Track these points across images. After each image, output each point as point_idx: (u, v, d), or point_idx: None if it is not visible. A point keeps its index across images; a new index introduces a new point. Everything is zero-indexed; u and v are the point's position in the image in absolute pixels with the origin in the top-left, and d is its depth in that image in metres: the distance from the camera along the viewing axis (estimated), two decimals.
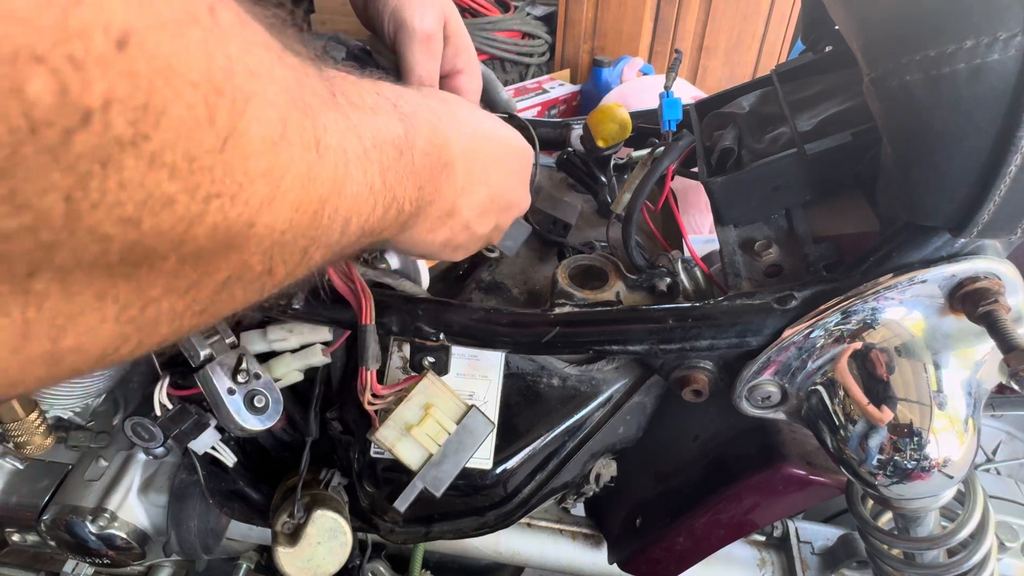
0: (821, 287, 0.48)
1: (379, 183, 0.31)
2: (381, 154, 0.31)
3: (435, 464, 0.53)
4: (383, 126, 0.31)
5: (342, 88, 0.29)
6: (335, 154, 0.26)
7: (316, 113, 0.25)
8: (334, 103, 0.27)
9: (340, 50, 0.64)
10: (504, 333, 0.53)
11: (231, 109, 0.20)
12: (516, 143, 0.49)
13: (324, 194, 0.26)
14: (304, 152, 0.24)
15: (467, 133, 0.41)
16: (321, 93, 0.26)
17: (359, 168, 0.29)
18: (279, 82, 0.23)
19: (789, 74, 0.62)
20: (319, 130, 0.25)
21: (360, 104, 0.30)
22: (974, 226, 0.39)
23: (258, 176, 0.21)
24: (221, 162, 0.20)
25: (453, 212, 0.42)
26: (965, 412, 0.46)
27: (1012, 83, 0.34)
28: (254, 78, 0.21)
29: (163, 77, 0.17)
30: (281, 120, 0.22)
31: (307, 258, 0.27)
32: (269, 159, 0.22)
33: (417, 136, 0.35)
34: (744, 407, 0.52)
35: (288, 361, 0.62)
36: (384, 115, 0.32)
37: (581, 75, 2.46)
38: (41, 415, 0.68)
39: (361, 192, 0.29)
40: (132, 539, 0.77)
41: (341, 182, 0.27)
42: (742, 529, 0.65)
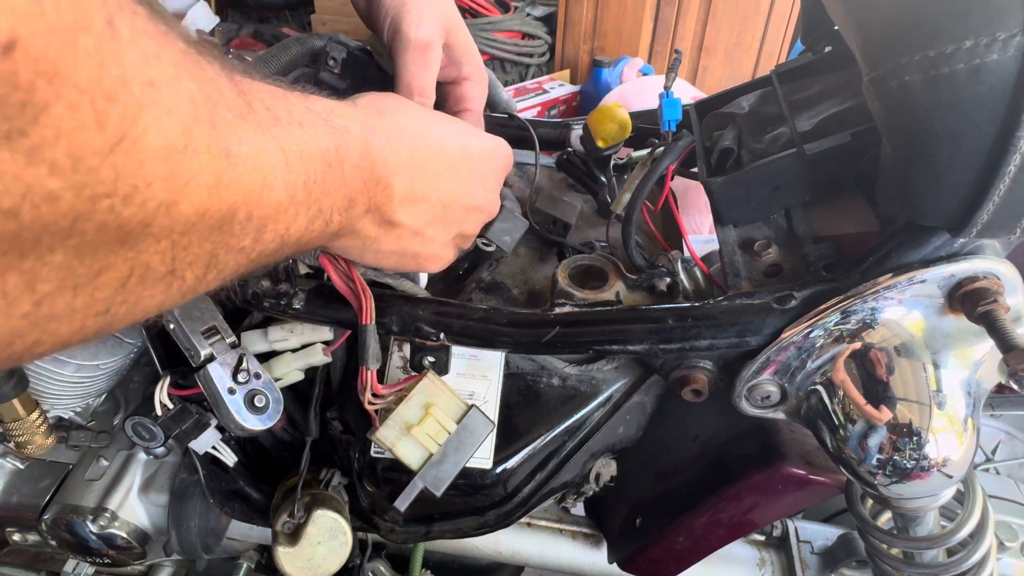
0: (821, 287, 0.48)
1: (302, 194, 0.31)
2: (306, 165, 0.31)
3: (435, 464, 0.53)
4: (310, 139, 0.32)
5: (265, 102, 0.30)
6: (250, 165, 0.27)
7: (229, 125, 0.26)
8: (252, 116, 0.28)
9: (341, 50, 0.64)
10: (504, 333, 0.53)
11: (123, 116, 0.21)
12: (477, 147, 0.48)
13: (235, 201, 0.27)
14: (212, 161, 0.25)
15: (410, 143, 0.42)
16: (235, 106, 0.27)
17: (279, 178, 0.29)
18: (183, 94, 0.23)
19: (789, 74, 0.62)
20: (231, 141, 0.26)
21: (285, 118, 0.31)
22: (973, 226, 0.39)
23: (156, 181, 0.22)
24: (110, 164, 0.20)
25: (394, 223, 0.43)
26: (964, 412, 0.46)
27: (1011, 83, 0.34)
28: (153, 89, 0.22)
29: (46, 79, 0.18)
30: (184, 131, 0.23)
31: (217, 262, 0.28)
32: (169, 166, 0.23)
33: (348, 151, 0.36)
34: (744, 407, 0.52)
35: (289, 360, 0.62)
36: (311, 128, 0.33)
37: (581, 75, 2.46)
38: (42, 415, 0.68)
39: (281, 201, 0.30)
40: (133, 539, 0.77)
41: (257, 191, 0.28)
42: (742, 529, 0.65)
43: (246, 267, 0.31)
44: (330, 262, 0.52)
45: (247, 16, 3.15)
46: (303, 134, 0.32)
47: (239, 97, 0.28)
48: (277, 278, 0.55)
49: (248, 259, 0.30)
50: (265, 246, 0.31)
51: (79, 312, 0.23)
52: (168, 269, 0.25)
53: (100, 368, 0.72)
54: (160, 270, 0.25)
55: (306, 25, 3.02)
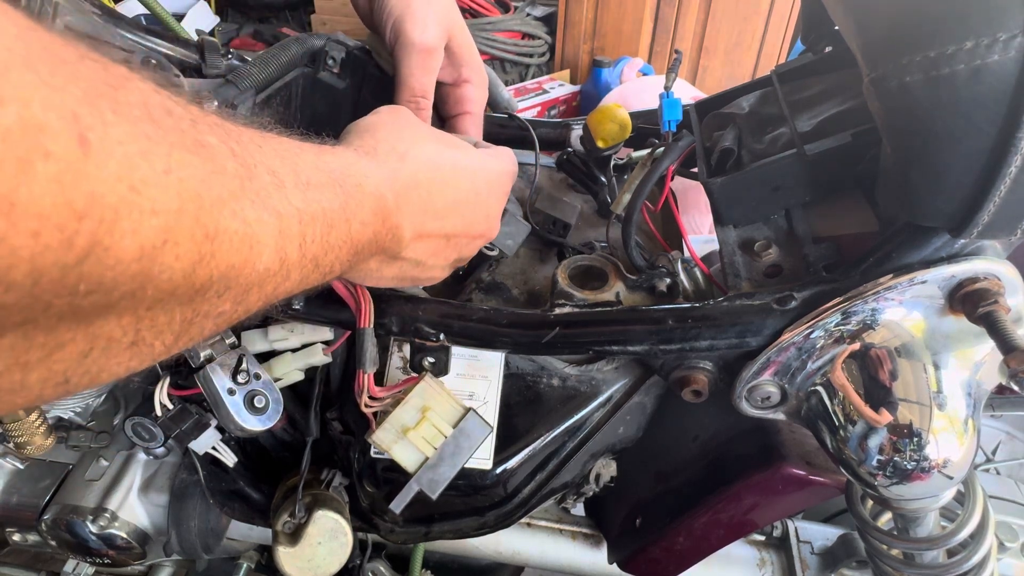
0: (821, 287, 0.48)
1: (295, 256, 0.30)
2: (304, 228, 0.31)
3: (431, 467, 0.53)
4: (313, 200, 0.31)
5: (270, 167, 0.29)
6: (236, 239, 0.26)
7: (219, 203, 0.25)
8: (251, 186, 0.27)
9: (340, 50, 0.64)
10: (504, 333, 0.53)
11: (95, 231, 0.19)
12: (484, 176, 0.48)
13: (214, 275, 0.25)
14: (192, 247, 0.23)
15: (424, 188, 0.42)
16: (233, 180, 0.26)
17: (268, 246, 0.28)
18: (172, 188, 0.22)
19: (789, 74, 0.62)
20: (220, 219, 0.25)
21: (290, 182, 0.30)
22: (974, 227, 0.39)
23: (125, 279, 0.21)
24: (75, 275, 0.19)
25: (398, 258, 0.43)
26: (965, 413, 0.46)
27: (1012, 84, 0.34)
28: (135, 193, 0.20)
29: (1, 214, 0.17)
30: (165, 228, 0.22)
31: (190, 329, 0.27)
32: (143, 265, 0.21)
33: (358, 208, 0.35)
34: (744, 407, 0.52)
35: (289, 361, 0.62)
36: (317, 191, 0.32)
37: (581, 75, 2.46)
38: (42, 415, 0.68)
39: (269, 267, 0.29)
40: (132, 539, 0.77)
41: (240, 264, 0.27)
42: (742, 529, 0.65)
43: (227, 326, 0.30)
44: None
45: (247, 16, 3.15)
46: (307, 196, 0.31)
47: (240, 168, 0.27)
48: None
49: (228, 321, 0.29)
50: (249, 307, 0.30)
51: (34, 386, 0.22)
52: (132, 340, 0.24)
53: None
54: (124, 341, 0.24)
55: (306, 25, 3.02)
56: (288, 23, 3.14)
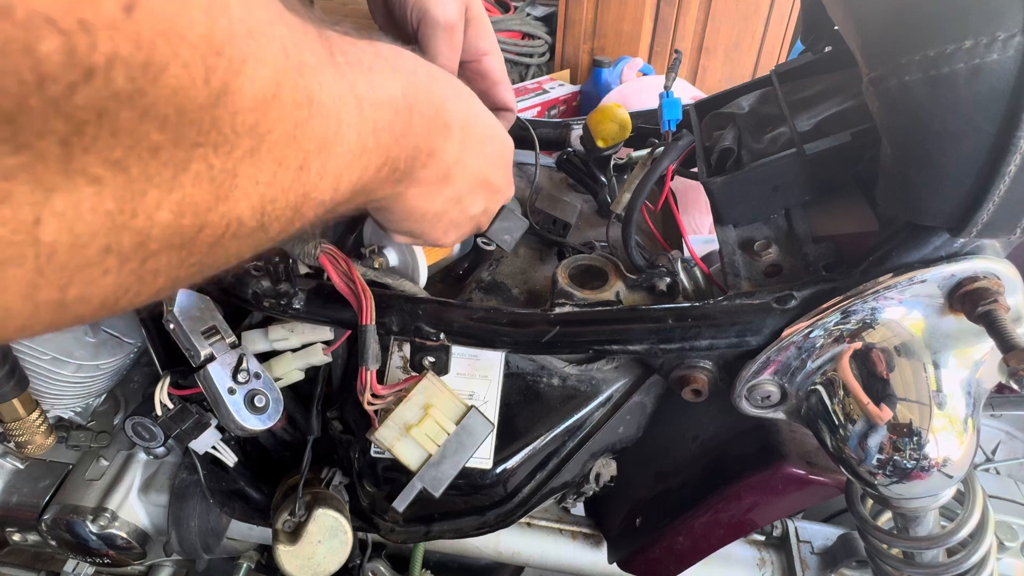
0: (821, 287, 0.48)
1: (372, 142, 0.31)
2: (376, 113, 0.31)
3: (434, 464, 0.53)
4: (380, 86, 0.32)
5: (340, 47, 0.30)
6: (327, 113, 0.27)
7: (312, 72, 0.26)
8: (332, 62, 0.28)
9: None
10: (504, 333, 0.53)
11: (228, 69, 0.21)
12: (500, 131, 0.49)
13: (311, 150, 0.27)
14: (294, 111, 0.25)
15: (462, 101, 0.42)
16: (319, 52, 0.27)
17: (353, 126, 0.29)
18: (277, 41, 0.24)
19: (789, 74, 0.62)
20: (313, 89, 0.26)
21: (358, 64, 0.31)
22: (973, 226, 0.39)
23: (245, 131, 0.23)
24: (210, 117, 0.21)
25: (448, 178, 0.42)
26: (964, 412, 0.46)
27: (1011, 83, 0.34)
28: (252, 38, 0.22)
29: (164, 38, 0.18)
30: (275, 80, 0.23)
31: (299, 215, 0.28)
32: (258, 115, 0.23)
33: (416, 97, 0.35)
34: (744, 407, 0.52)
35: (289, 360, 0.62)
36: (380, 75, 0.32)
37: (581, 75, 2.46)
38: (42, 415, 0.68)
39: (353, 151, 0.30)
40: (133, 539, 0.77)
41: (331, 140, 0.28)
42: (742, 529, 0.65)
43: (324, 217, 0.31)
44: (330, 262, 0.52)
45: None
46: (372, 80, 0.31)
47: (322, 42, 0.28)
48: (277, 278, 0.55)
49: (326, 210, 0.31)
50: (340, 195, 0.31)
51: (177, 266, 0.24)
52: (258, 223, 0.26)
53: (100, 368, 0.72)
54: (250, 224, 0.26)
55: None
56: None
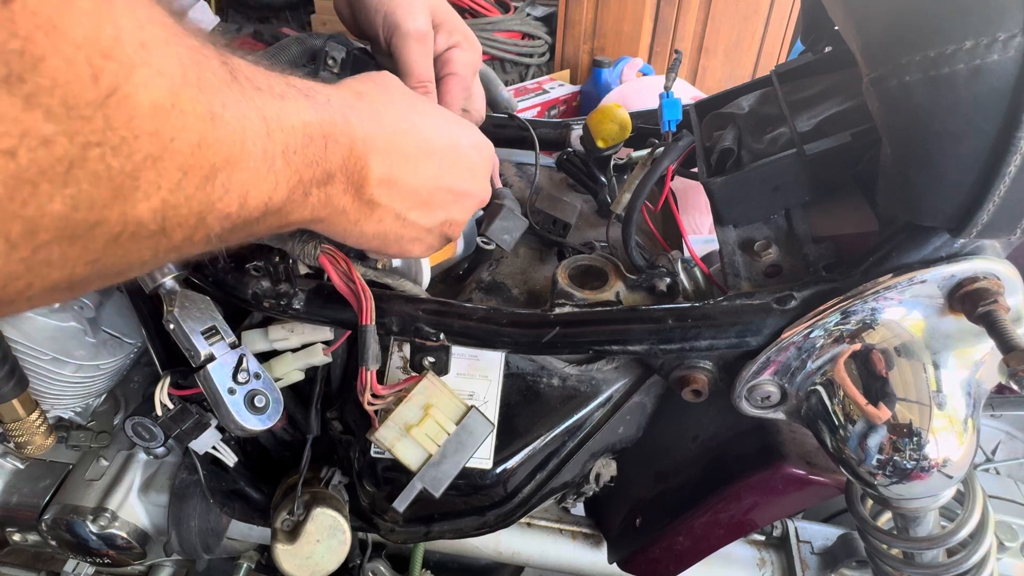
0: (821, 287, 0.48)
1: (281, 163, 0.32)
2: (286, 136, 0.33)
3: (434, 464, 0.53)
4: (291, 111, 0.33)
5: (246, 74, 0.31)
6: (231, 129, 0.29)
7: (213, 90, 0.28)
8: (236, 85, 0.30)
9: (340, 50, 0.64)
10: (504, 333, 0.53)
11: (116, 72, 0.23)
12: (464, 132, 0.49)
13: (217, 163, 0.28)
14: (197, 122, 0.26)
15: (388, 126, 0.42)
16: (220, 74, 0.29)
17: (258, 146, 0.30)
18: (173, 57, 0.26)
19: (789, 74, 0.62)
20: (215, 105, 0.28)
21: (266, 89, 0.32)
22: (973, 226, 0.39)
23: (144, 135, 0.24)
24: (102, 115, 0.22)
25: (374, 203, 0.43)
26: (964, 412, 0.46)
27: (1011, 84, 0.34)
28: (145, 50, 0.24)
29: (43, 32, 0.20)
30: (172, 91, 0.25)
31: (204, 224, 0.29)
32: (157, 122, 0.24)
33: (331, 127, 0.37)
34: (744, 407, 0.52)
35: (289, 360, 0.62)
36: (292, 102, 0.34)
37: (581, 75, 2.46)
38: (42, 415, 0.68)
39: (260, 168, 0.31)
40: (133, 539, 0.77)
41: (237, 155, 0.29)
42: (742, 529, 0.65)
43: (232, 233, 0.32)
44: (330, 262, 0.52)
45: (247, 16, 3.15)
46: (283, 106, 0.33)
47: (223, 66, 0.29)
48: (277, 278, 0.55)
49: (234, 225, 0.31)
50: (249, 212, 0.32)
51: (71, 260, 0.25)
52: (158, 227, 0.27)
53: (100, 368, 0.72)
54: (151, 227, 0.26)
55: (306, 25, 3.02)
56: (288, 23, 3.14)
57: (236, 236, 0.33)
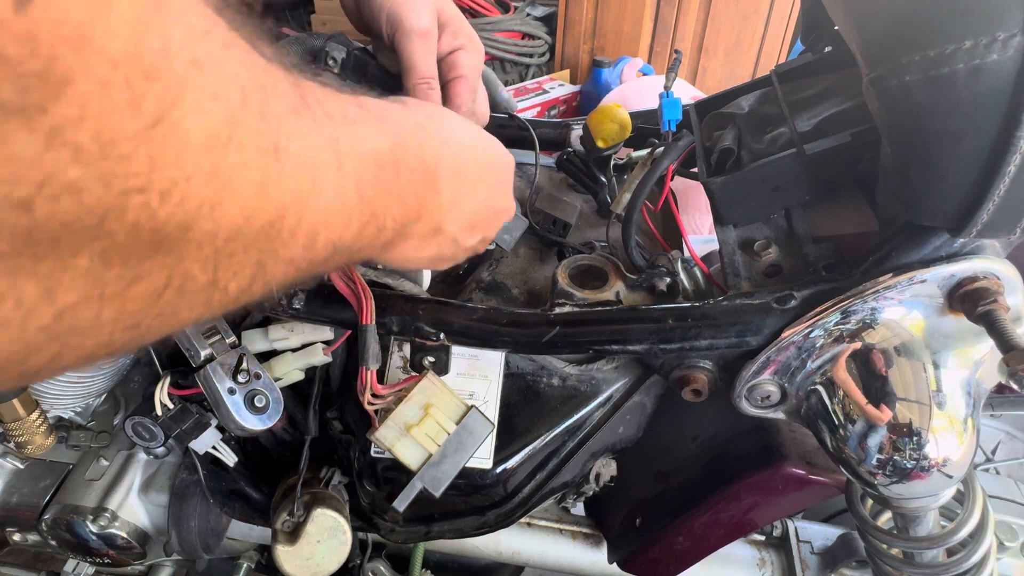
0: (820, 287, 0.48)
1: (355, 198, 0.29)
2: (359, 167, 0.30)
3: (434, 464, 0.53)
4: (363, 138, 0.30)
5: (318, 98, 0.28)
6: (300, 163, 0.25)
7: (280, 119, 0.24)
8: (307, 111, 0.26)
9: (341, 50, 0.64)
10: (504, 333, 0.53)
11: (162, 97, 0.18)
12: (499, 154, 0.49)
13: (284, 204, 0.24)
14: (259, 157, 0.22)
15: (454, 148, 0.41)
16: (290, 99, 0.25)
17: (330, 181, 0.27)
18: (232, 80, 0.21)
19: (789, 74, 0.62)
20: (281, 137, 0.24)
21: (338, 115, 0.29)
22: (973, 226, 0.39)
23: (197, 175, 0.20)
24: (145, 152, 0.18)
25: (440, 230, 0.41)
26: (964, 412, 0.46)
27: (1011, 83, 0.34)
28: (198, 69, 0.19)
29: (71, 46, 0.15)
30: (229, 119, 0.21)
31: (264, 273, 0.25)
32: (212, 159, 0.20)
33: (403, 151, 0.34)
34: (744, 407, 0.52)
35: (289, 360, 0.62)
36: (364, 126, 0.31)
37: (581, 75, 2.46)
38: (42, 415, 0.68)
39: (332, 205, 0.28)
40: (133, 539, 0.77)
41: (307, 193, 0.26)
42: (742, 529, 0.65)
43: (295, 277, 0.28)
44: None
45: None
46: (355, 132, 0.30)
47: (294, 89, 0.26)
48: None
49: (298, 269, 0.28)
50: (316, 254, 0.28)
51: (106, 326, 0.20)
52: (210, 280, 0.23)
53: (100, 368, 0.72)
54: (201, 280, 0.22)
55: (306, 25, 3.02)
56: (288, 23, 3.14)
57: (299, 279, 0.29)
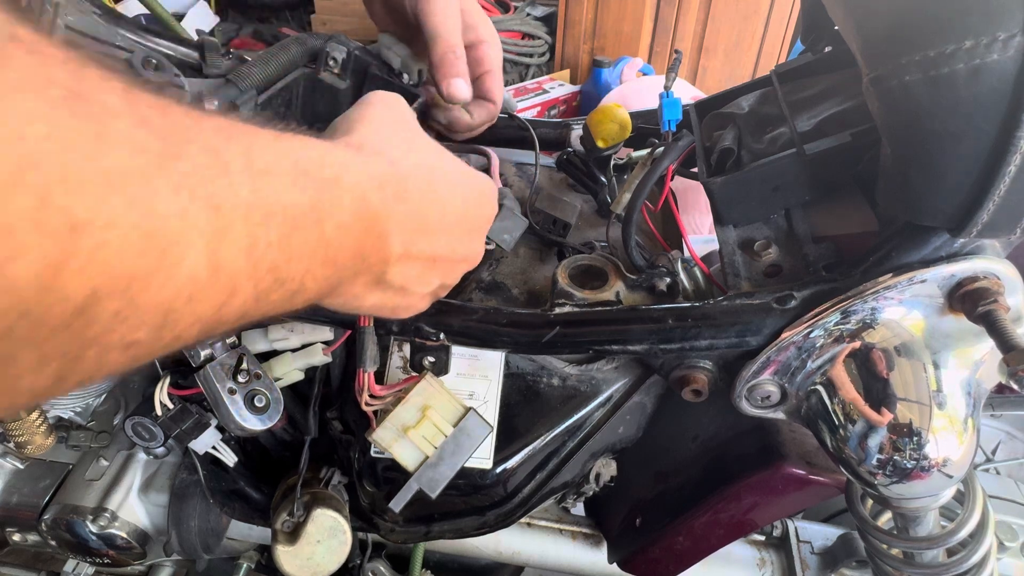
0: (821, 287, 0.48)
1: (242, 263, 0.25)
2: (254, 228, 0.25)
3: (431, 466, 0.53)
4: (271, 192, 0.26)
5: (213, 145, 0.24)
6: (133, 237, 0.20)
7: (107, 184, 0.19)
8: (174, 168, 0.22)
9: (341, 51, 0.64)
10: (504, 333, 0.53)
11: None
12: (475, 191, 0.44)
13: (100, 288, 0.20)
14: (44, 240, 0.18)
15: (414, 200, 0.37)
16: (135, 158, 0.20)
17: (194, 247, 0.23)
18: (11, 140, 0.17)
19: (789, 74, 0.62)
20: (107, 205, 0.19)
21: (239, 166, 0.25)
22: (973, 226, 0.39)
23: None
24: None
25: (383, 281, 0.38)
26: (964, 412, 0.46)
27: (1011, 83, 0.34)
28: None
29: None
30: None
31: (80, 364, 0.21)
32: None
33: (335, 206, 0.30)
34: (744, 407, 0.52)
35: (289, 360, 0.62)
36: (277, 179, 0.27)
37: (581, 75, 2.46)
38: (42, 415, 0.68)
39: (197, 277, 0.23)
40: (133, 539, 0.77)
41: (145, 274, 0.21)
42: (742, 529, 0.65)
43: (154, 356, 0.24)
44: None
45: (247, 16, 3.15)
46: (260, 186, 0.25)
47: (156, 142, 0.21)
48: None
49: (149, 352, 0.23)
50: (180, 334, 0.24)
51: None
52: None
53: None
54: None
55: (306, 25, 3.02)
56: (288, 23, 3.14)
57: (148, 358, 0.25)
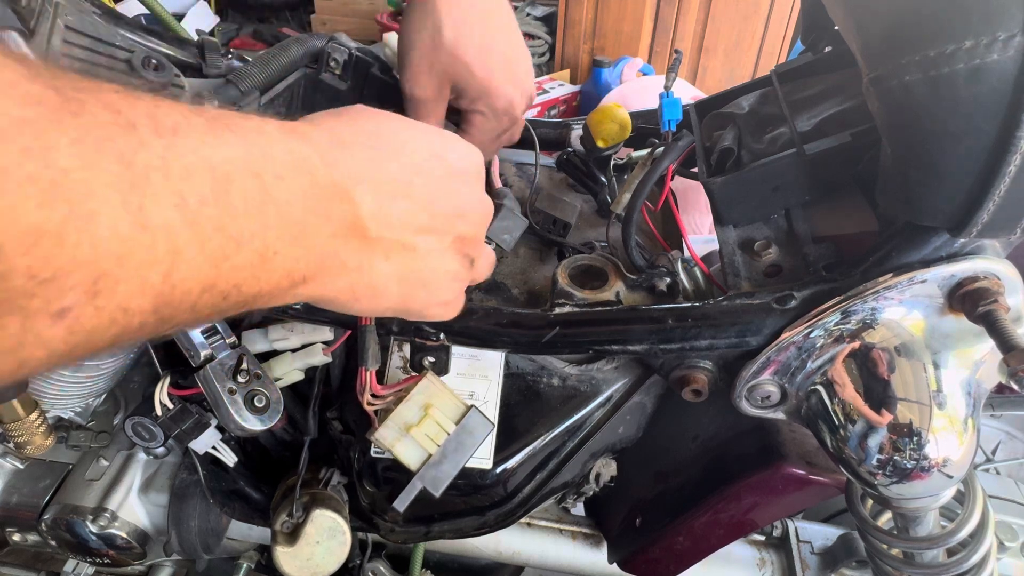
0: (821, 287, 0.48)
1: (176, 219, 0.24)
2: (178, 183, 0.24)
3: (434, 464, 0.53)
4: (187, 149, 0.25)
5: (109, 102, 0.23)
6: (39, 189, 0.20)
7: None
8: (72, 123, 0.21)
9: (342, 52, 0.64)
10: (504, 333, 0.53)
11: None
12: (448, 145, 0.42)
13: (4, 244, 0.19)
14: None
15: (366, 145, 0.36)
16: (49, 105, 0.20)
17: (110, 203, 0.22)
18: None
19: (789, 74, 0.62)
20: None
21: (147, 126, 0.24)
22: (973, 226, 0.39)
23: None
24: None
25: (371, 238, 0.36)
26: (964, 412, 0.46)
27: (1011, 83, 0.34)
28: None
29: None
30: None
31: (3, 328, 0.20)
32: None
33: (267, 158, 0.28)
34: (744, 407, 0.52)
35: (289, 360, 0.62)
36: (190, 136, 0.25)
37: (581, 75, 2.46)
38: (41, 415, 0.68)
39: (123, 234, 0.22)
40: (133, 539, 0.77)
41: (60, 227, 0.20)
42: (742, 529, 0.65)
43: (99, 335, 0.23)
44: None
45: (247, 16, 3.15)
46: (174, 142, 0.24)
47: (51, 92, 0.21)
48: None
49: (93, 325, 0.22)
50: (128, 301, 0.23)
51: None
52: None
53: (100, 368, 0.72)
54: None
55: (306, 25, 3.03)
56: (288, 23, 3.15)
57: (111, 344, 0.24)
